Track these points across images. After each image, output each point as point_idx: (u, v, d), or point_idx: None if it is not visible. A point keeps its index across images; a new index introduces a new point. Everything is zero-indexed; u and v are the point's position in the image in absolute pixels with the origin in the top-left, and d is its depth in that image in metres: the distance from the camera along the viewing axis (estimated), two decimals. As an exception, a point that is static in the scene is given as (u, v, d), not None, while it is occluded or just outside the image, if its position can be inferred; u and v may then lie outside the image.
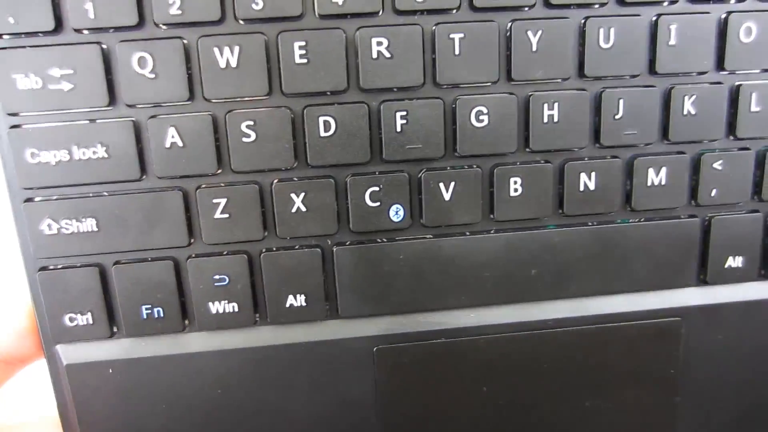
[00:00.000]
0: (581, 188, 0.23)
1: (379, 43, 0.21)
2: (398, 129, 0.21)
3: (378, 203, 0.22)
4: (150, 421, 0.23)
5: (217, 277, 0.22)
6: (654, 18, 0.22)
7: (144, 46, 0.20)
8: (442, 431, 0.25)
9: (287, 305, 0.23)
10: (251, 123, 0.21)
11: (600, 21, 0.21)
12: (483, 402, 0.24)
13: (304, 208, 0.22)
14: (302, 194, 0.22)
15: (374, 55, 0.21)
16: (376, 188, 0.22)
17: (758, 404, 0.26)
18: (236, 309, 0.22)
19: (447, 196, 0.22)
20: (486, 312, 0.24)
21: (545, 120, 0.22)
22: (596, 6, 0.22)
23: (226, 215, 0.22)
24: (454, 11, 0.21)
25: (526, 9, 0.21)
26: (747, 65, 0.23)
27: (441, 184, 0.22)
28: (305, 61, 0.21)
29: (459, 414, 0.24)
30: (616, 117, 0.22)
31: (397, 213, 0.22)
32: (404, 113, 0.21)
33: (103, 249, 0.22)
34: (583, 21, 0.22)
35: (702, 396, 0.26)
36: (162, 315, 0.22)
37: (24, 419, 0.23)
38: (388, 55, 0.21)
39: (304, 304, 0.23)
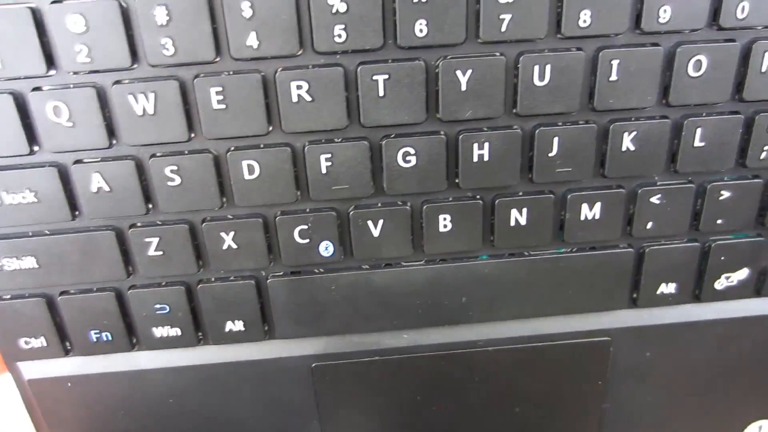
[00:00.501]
0: (512, 223, 0.23)
1: (299, 87, 0.20)
2: (323, 171, 0.21)
3: (307, 240, 0.22)
4: (110, 427, 0.25)
5: (158, 306, 0.23)
6: (595, 53, 0.20)
7: (57, 95, 0.20)
8: (378, 416, 0.27)
9: (226, 330, 0.24)
10: (175, 168, 0.21)
11: (535, 58, 0.20)
12: (418, 410, 0.26)
13: (234, 246, 0.22)
14: (232, 233, 0.22)
15: (294, 99, 0.20)
16: (305, 226, 0.22)
17: (678, 410, 0.27)
18: (179, 333, 0.24)
19: (376, 233, 0.23)
20: (418, 333, 0.25)
21: (475, 159, 0.22)
22: (533, 41, 0.20)
23: (160, 252, 0.22)
24: (378, 50, 0.20)
25: (456, 47, 0.20)
26: (694, 99, 0.21)
27: (369, 222, 0.22)
28: (223, 106, 0.20)
29: (396, 420, 0.26)
30: (550, 155, 0.22)
31: (326, 248, 0.23)
32: (329, 155, 0.21)
33: (46, 283, 0.23)
34: (517, 58, 0.20)
35: (629, 402, 0.27)
36: (110, 338, 0.24)
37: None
38: (309, 98, 0.20)
39: (242, 328, 0.24)
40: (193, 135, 0.21)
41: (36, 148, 0.21)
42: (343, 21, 0.19)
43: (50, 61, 0.19)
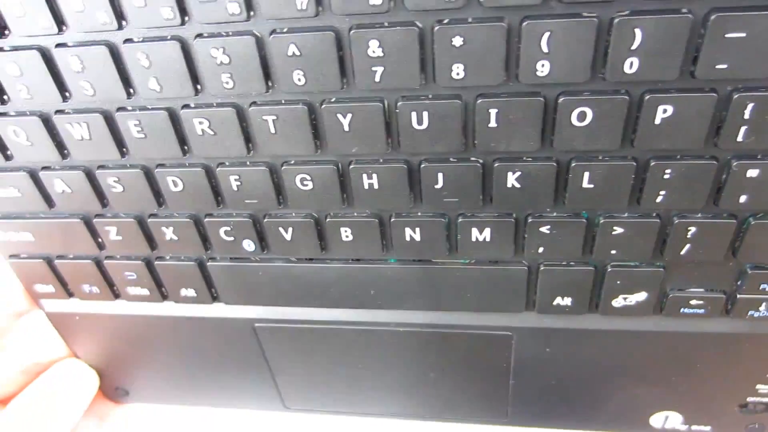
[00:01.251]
0: (408, 239, 0.25)
1: (201, 122, 0.22)
2: (234, 188, 0.24)
3: (232, 238, 0.26)
4: (108, 347, 0.33)
5: (127, 273, 0.29)
6: (474, 101, 0.21)
7: (12, 121, 0.24)
8: (316, 370, 0.32)
9: (182, 295, 0.29)
10: (116, 179, 0.25)
11: (412, 105, 0.21)
12: (346, 369, 0.31)
13: (175, 237, 0.27)
14: (171, 228, 0.26)
15: (199, 132, 0.23)
16: (228, 228, 0.26)
17: (570, 388, 0.30)
18: (148, 293, 0.30)
19: (288, 237, 0.26)
20: (338, 311, 0.29)
21: (366, 187, 0.23)
22: (411, 89, 0.21)
23: (120, 237, 0.27)
24: (266, 94, 0.22)
25: (336, 92, 0.21)
26: (580, 146, 0.21)
27: (281, 228, 0.26)
28: (143, 135, 0.23)
29: (329, 374, 0.32)
30: (436, 186, 0.23)
31: (249, 245, 0.27)
32: (237, 177, 0.24)
33: (42, 251, 0.29)
34: (395, 103, 0.21)
35: (533, 383, 0.30)
36: (98, 291, 0.30)
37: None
38: (211, 132, 0.23)
39: (194, 294, 0.29)
40: (126, 154, 0.24)
41: (11, 156, 0.25)
42: (228, 71, 0.21)
43: (2, 93, 0.23)
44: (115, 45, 0.21)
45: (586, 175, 0.22)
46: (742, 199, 0.22)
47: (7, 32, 0.22)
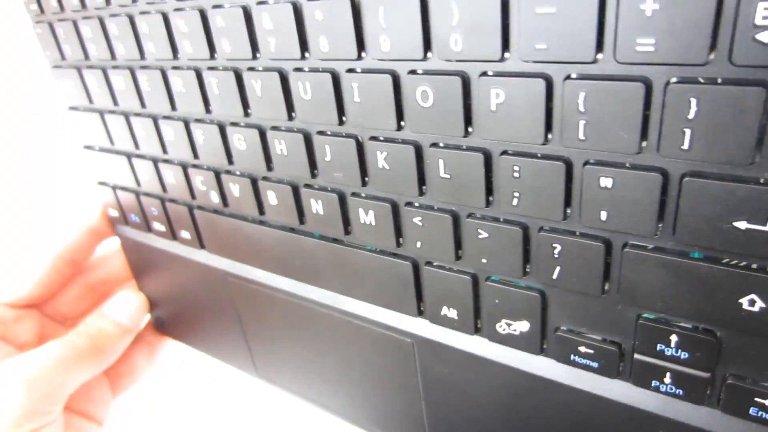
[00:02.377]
0: (314, 211, 0.27)
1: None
2: (201, 143, 0.30)
3: (205, 188, 0.32)
4: (149, 275, 0.41)
5: (153, 209, 0.37)
6: (343, 75, 0.22)
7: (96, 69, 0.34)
8: (275, 338, 0.35)
9: (182, 236, 0.36)
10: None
11: (300, 75, 0.24)
12: (287, 333, 0.33)
13: (174, 182, 0.33)
14: (171, 173, 0.33)
15: (175, 90, 0.29)
16: (202, 178, 0.31)
17: (480, 423, 0.27)
18: (164, 229, 0.37)
19: (237, 194, 0.30)
20: (278, 278, 0.32)
21: (278, 152, 0.26)
22: (298, 59, 0.23)
23: (151, 177, 0.35)
24: (211, 60, 0.27)
25: (248, 61, 0.25)
26: (429, 130, 0.21)
27: (231, 184, 0.30)
28: (148, 89, 0.31)
29: (283, 337, 0.34)
30: (326, 159, 0.25)
31: (215, 197, 0.32)
32: (201, 132, 0.29)
33: (114, 184, 0.39)
34: (291, 74, 0.24)
35: (444, 408, 0.28)
36: (139, 221, 0.39)
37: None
38: (183, 90, 0.29)
39: (188, 237, 0.35)
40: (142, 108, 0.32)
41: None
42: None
43: (63, 52, 0.33)
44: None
45: (441, 163, 0.21)
46: (603, 215, 0.18)
47: None
